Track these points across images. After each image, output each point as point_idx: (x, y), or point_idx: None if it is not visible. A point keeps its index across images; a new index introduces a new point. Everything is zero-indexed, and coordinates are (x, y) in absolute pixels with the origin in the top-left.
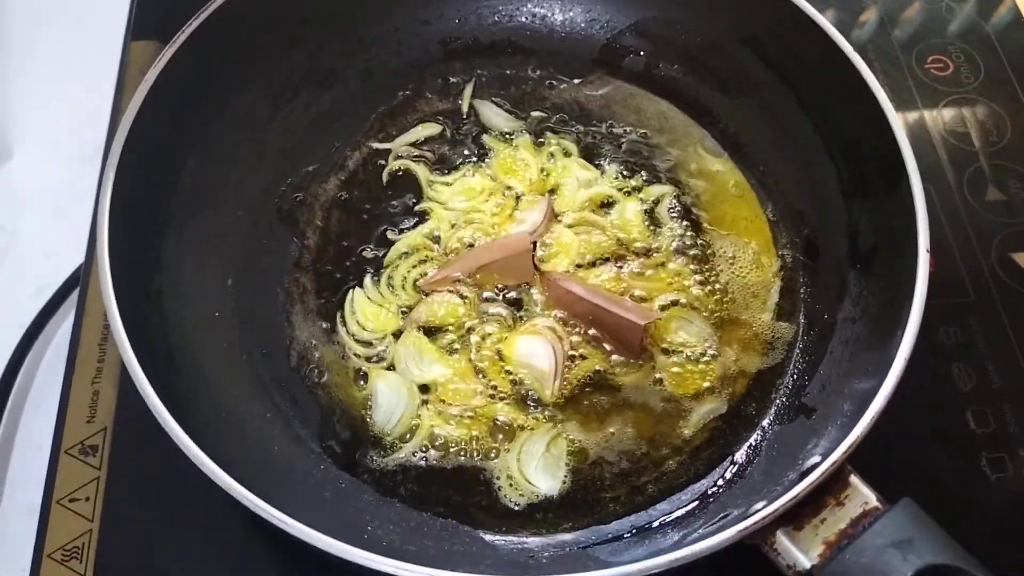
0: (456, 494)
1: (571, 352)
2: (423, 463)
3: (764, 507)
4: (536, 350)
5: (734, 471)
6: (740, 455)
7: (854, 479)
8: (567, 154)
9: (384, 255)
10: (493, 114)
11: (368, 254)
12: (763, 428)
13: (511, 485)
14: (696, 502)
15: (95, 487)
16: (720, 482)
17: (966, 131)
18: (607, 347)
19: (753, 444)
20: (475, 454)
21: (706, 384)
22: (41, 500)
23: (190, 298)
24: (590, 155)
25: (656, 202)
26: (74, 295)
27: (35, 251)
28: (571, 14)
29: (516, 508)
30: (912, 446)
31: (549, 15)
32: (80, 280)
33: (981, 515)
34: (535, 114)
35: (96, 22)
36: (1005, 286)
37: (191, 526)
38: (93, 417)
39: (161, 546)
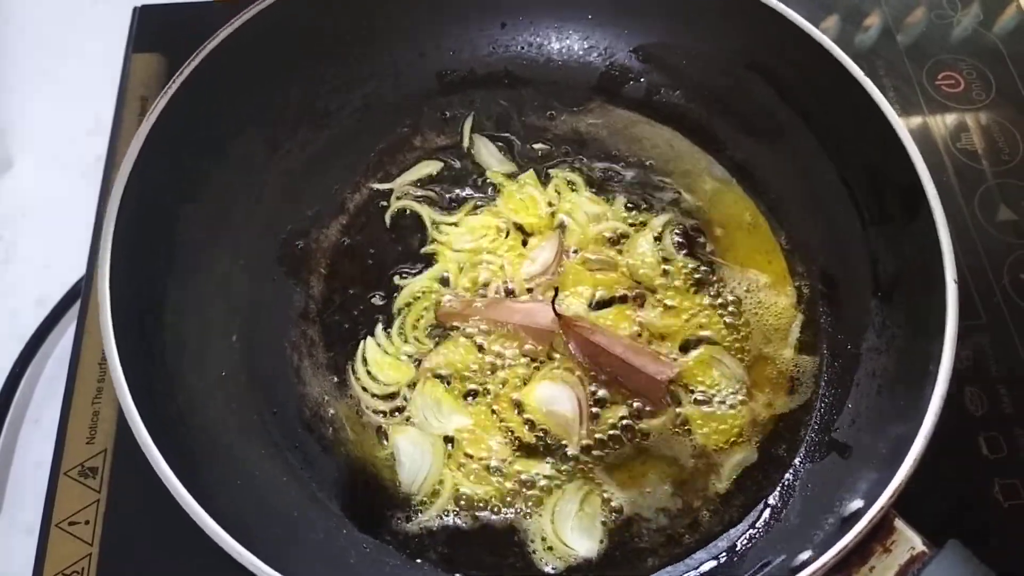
0: (488, 556)
1: (594, 399)
2: (450, 524)
3: (811, 558)
4: (557, 395)
5: (769, 515)
6: (774, 498)
7: (899, 523)
8: (574, 188)
9: (393, 302)
10: (488, 153)
11: (376, 301)
12: (795, 467)
13: (547, 549)
14: (734, 548)
15: (95, 510)
16: (757, 526)
17: (977, 149)
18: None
19: (786, 485)
20: (504, 512)
21: (736, 432)
22: (40, 522)
23: (195, 358)
24: (596, 187)
25: (661, 234)
26: (74, 309)
27: (35, 262)
28: (567, 42)
29: (553, 572)
30: (921, 474)
31: (545, 43)
32: (81, 295)
33: (994, 543)
34: (537, 147)
35: (97, 33)
36: (1017, 308)
37: (192, 553)
38: (93, 438)
39: (162, 573)
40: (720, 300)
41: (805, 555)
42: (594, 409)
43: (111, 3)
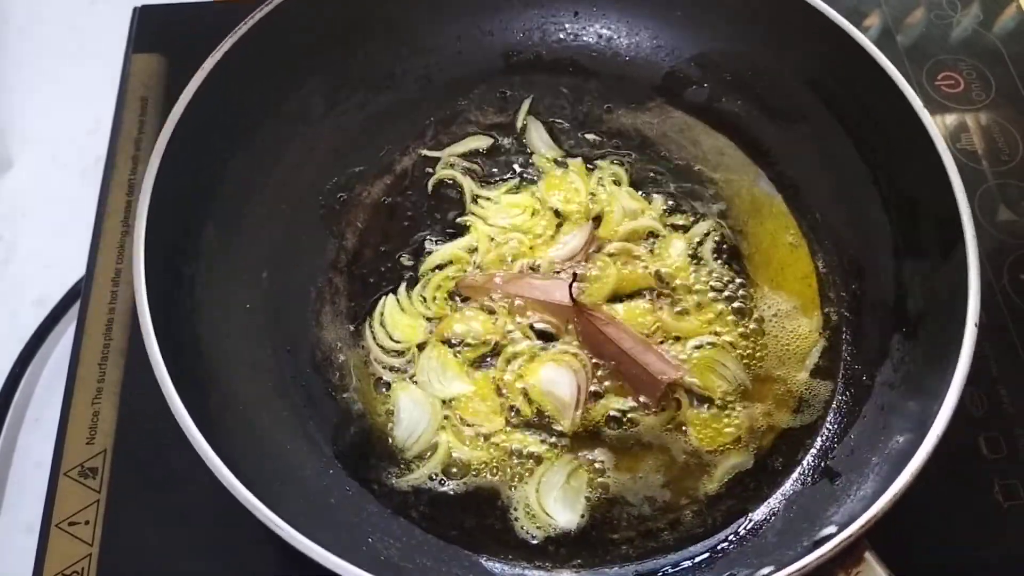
0: (467, 518)
1: (595, 387)
2: (437, 484)
3: (770, 573)
4: (558, 378)
5: (748, 528)
6: (758, 512)
7: (869, 556)
8: (617, 182)
9: (420, 264)
10: (538, 137)
11: (405, 261)
12: (784, 487)
13: (528, 516)
14: (706, 555)
15: (95, 510)
16: (733, 538)
17: (977, 150)
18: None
19: (772, 502)
20: (492, 479)
21: (732, 438)
22: (40, 522)
23: (223, 287)
24: (640, 184)
25: (701, 241)
26: (74, 309)
27: (34, 262)
28: (637, 38)
29: (533, 541)
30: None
31: (615, 37)
32: (81, 295)
33: (994, 544)
34: (589, 137)
35: (97, 33)
36: (1017, 308)
37: (192, 552)
38: (93, 439)
39: (162, 572)
40: (744, 316)
41: (767, 570)
42: (594, 396)
43: (111, 3)
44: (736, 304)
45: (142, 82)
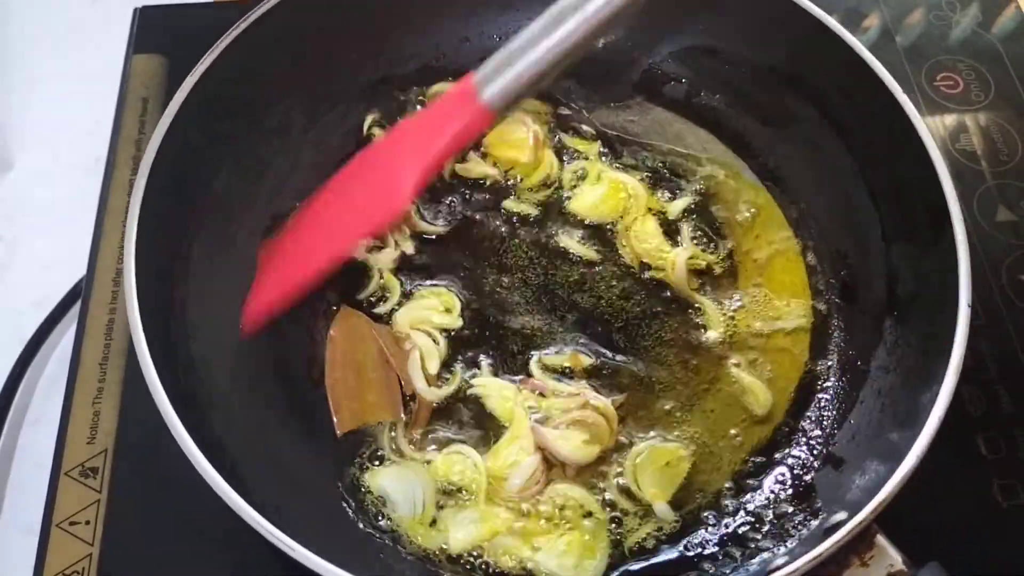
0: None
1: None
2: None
3: (786, 563)
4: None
5: (755, 518)
6: (761, 503)
7: (880, 539)
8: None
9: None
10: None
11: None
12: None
13: None
14: (715, 548)
15: (95, 510)
16: (742, 528)
17: (976, 150)
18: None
19: (776, 492)
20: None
21: None
22: (41, 522)
23: (215, 309)
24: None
25: (680, 218)
26: (74, 309)
27: (35, 262)
28: (613, 37)
29: None
30: (919, 470)
31: None
32: (81, 295)
33: (992, 544)
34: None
35: (97, 34)
36: (1016, 309)
37: (193, 552)
38: (94, 438)
39: (162, 572)
40: (733, 307)
41: (781, 560)
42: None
43: (111, 3)
44: (721, 294)
45: (142, 82)
